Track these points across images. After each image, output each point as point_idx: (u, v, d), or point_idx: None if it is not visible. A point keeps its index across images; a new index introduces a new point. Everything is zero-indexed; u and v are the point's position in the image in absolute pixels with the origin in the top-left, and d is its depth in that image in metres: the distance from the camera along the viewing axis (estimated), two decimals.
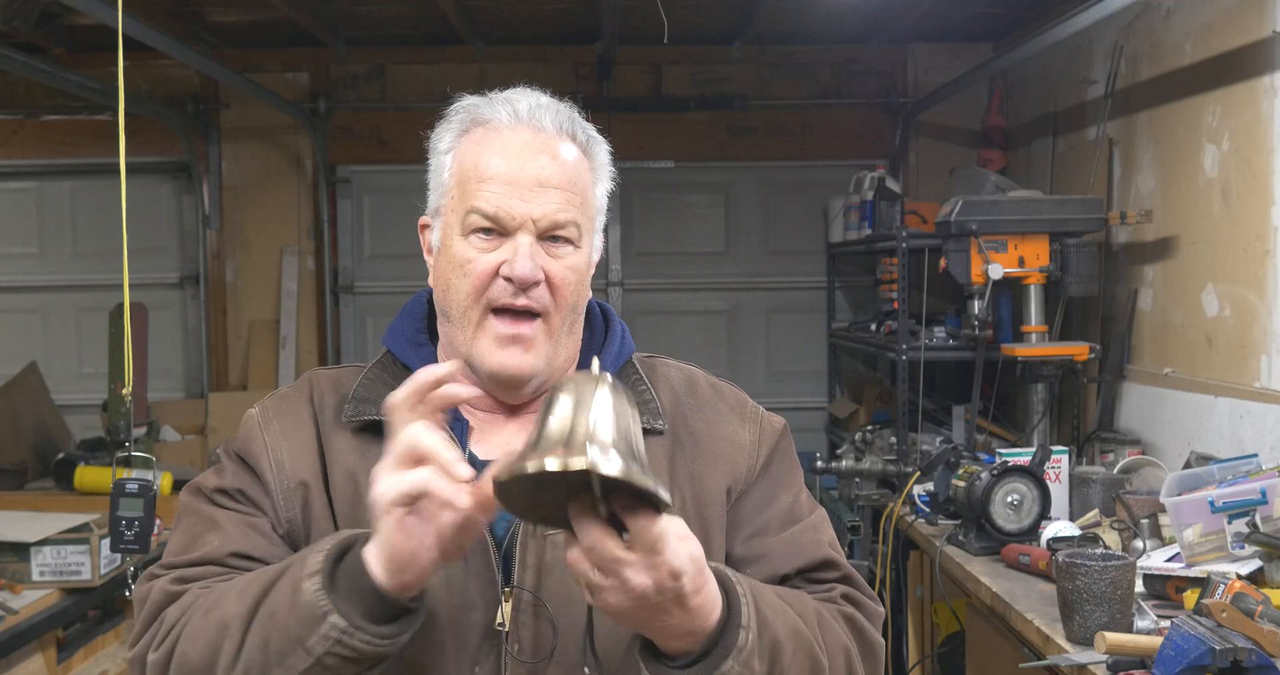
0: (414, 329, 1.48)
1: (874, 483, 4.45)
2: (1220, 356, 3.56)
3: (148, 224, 5.98)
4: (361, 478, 1.34)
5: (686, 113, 5.83)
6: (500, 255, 1.35)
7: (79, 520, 3.54)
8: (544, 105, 1.41)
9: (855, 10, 5.07)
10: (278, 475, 1.38)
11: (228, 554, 1.33)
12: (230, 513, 1.38)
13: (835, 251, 5.79)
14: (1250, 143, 3.38)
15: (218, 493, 1.39)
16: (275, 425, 1.42)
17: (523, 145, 1.37)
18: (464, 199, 1.37)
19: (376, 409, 1.36)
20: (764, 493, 1.45)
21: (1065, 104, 4.87)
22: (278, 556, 1.33)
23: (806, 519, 1.46)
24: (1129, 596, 2.46)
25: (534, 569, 1.33)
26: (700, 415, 1.46)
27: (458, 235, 1.38)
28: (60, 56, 5.57)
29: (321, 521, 1.37)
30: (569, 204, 1.36)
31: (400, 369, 1.44)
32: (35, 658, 3.34)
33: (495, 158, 1.36)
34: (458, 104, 1.45)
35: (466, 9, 5.25)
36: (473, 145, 1.39)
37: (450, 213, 1.40)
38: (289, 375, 5.84)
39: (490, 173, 1.36)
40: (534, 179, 1.35)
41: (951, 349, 4.42)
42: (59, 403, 5.11)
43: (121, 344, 2.75)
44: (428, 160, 1.47)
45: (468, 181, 1.37)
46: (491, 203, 1.35)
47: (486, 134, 1.39)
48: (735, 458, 1.44)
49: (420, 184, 1.53)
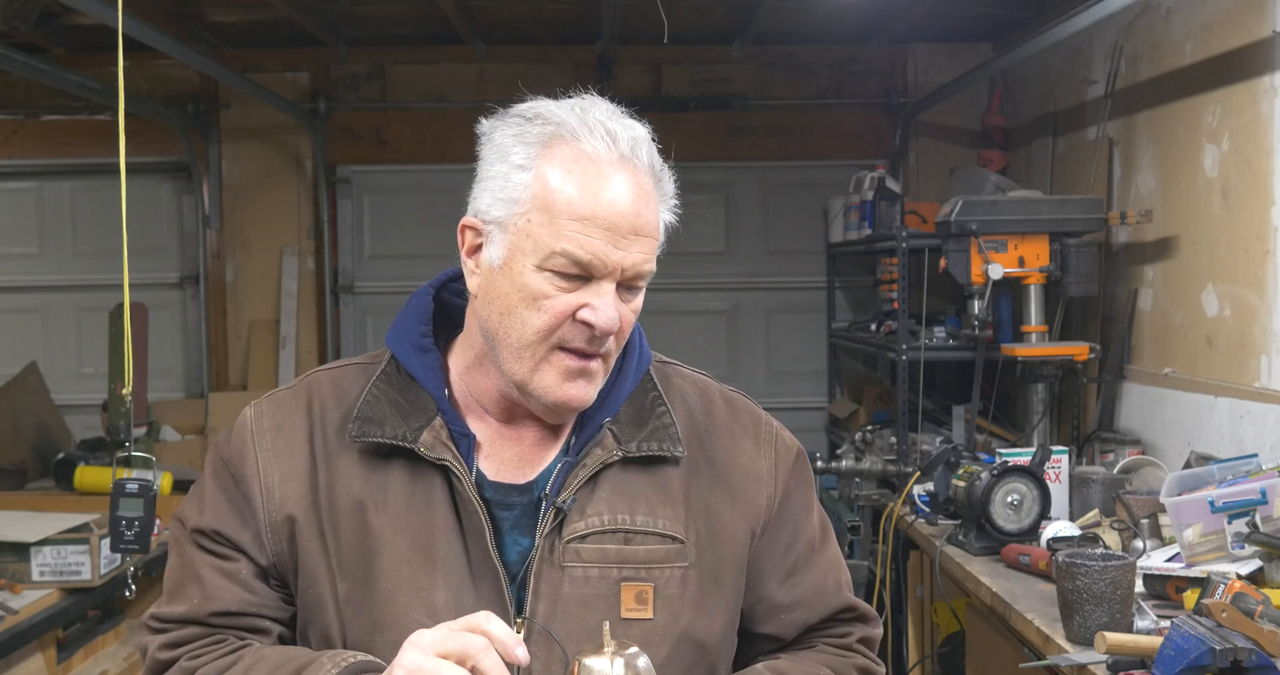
0: (419, 332, 1.41)
1: (874, 483, 4.45)
2: (1220, 356, 3.56)
3: (148, 224, 5.98)
4: (371, 508, 1.34)
5: (686, 113, 5.84)
6: (580, 298, 1.28)
7: (79, 520, 3.54)
8: (640, 139, 1.31)
9: (855, 10, 5.07)
10: (266, 503, 1.36)
11: (209, 614, 1.35)
12: (209, 558, 1.37)
13: (835, 251, 5.79)
14: (1250, 143, 3.38)
15: (196, 533, 1.38)
16: (269, 440, 1.38)
17: (626, 188, 1.27)
18: (551, 231, 1.26)
19: (381, 431, 1.35)
20: (790, 530, 1.48)
21: (1065, 104, 4.87)
22: (256, 605, 1.36)
23: (825, 547, 1.52)
24: (1129, 596, 2.45)
25: (548, 599, 1.32)
26: (717, 440, 1.45)
27: (532, 265, 1.28)
28: (60, 56, 5.57)
29: (313, 558, 1.35)
30: (654, 251, 1.31)
31: (405, 379, 1.39)
32: (35, 658, 3.34)
33: (595, 198, 1.26)
34: (533, 108, 1.33)
35: (466, 9, 5.25)
36: (562, 170, 1.28)
37: (525, 237, 1.28)
38: (289, 375, 5.84)
39: (589, 213, 1.26)
40: (631, 227, 1.27)
41: (951, 349, 4.42)
42: (59, 403, 5.11)
43: (121, 344, 2.74)
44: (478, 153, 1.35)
45: (558, 214, 1.27)
46: (587, 249, 1.26)
47: (580, 161, 1.28)
48: (754, 493, 1.45)
49: (421, 184, 1.53)
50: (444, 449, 1.34)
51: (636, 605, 1.34)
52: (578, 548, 1.34)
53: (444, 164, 5.75)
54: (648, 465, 1.39)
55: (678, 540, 1.37)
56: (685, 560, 1.38)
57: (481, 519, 1.33)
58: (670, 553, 1.37)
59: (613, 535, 1.35)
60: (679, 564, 1.37)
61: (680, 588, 1.37)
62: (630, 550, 1.35)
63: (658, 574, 1.36)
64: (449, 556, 1.32)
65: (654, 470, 1.39)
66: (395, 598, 1.31)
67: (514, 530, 1.36)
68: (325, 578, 1.34)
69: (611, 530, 1.35)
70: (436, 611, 1.30)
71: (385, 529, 1.33)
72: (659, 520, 1.37)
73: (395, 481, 1.35)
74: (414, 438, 1.34)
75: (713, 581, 1.39)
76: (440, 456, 1.33)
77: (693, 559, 1.38)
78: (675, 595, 1.36)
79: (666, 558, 1.37)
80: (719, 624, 1.40)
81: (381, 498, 1.34)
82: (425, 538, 1.33)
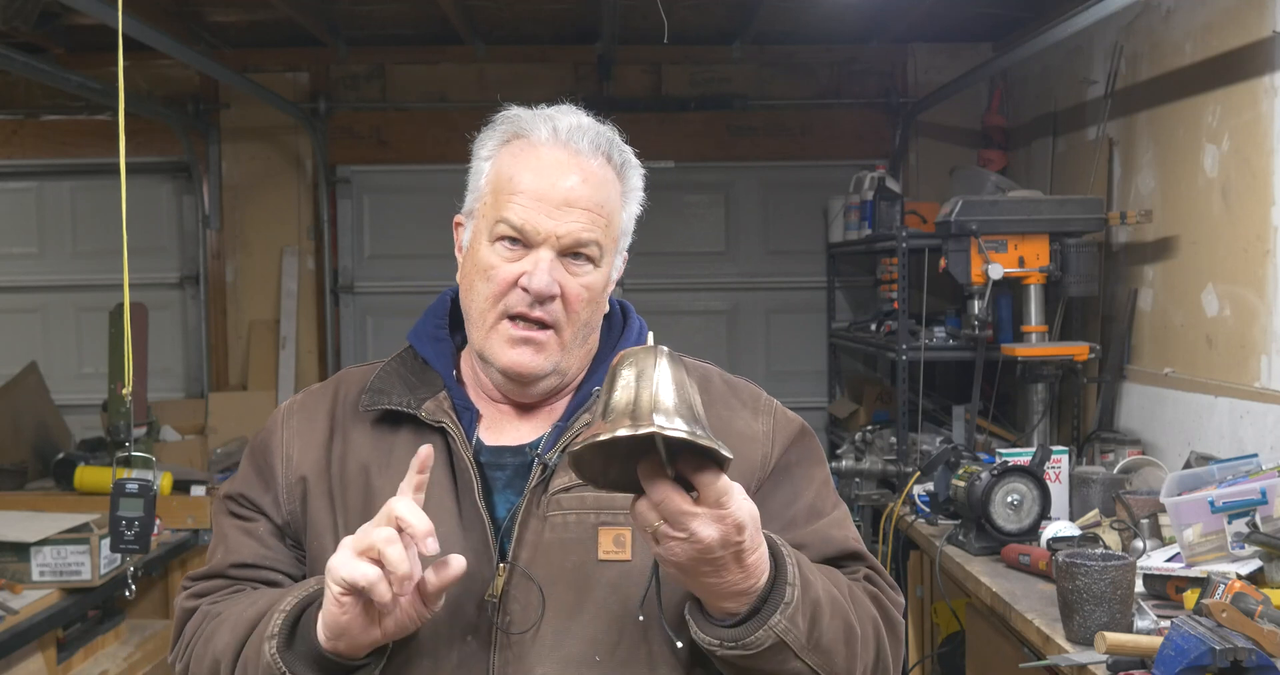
0: (435, 325, 1.55)
1: (874, 483, 4.45)
2: (1220, 356, 3.56)
3: (148, 224, 5.98)
4: (374, 470, 1.45)
5: (686, 113, 5.83)
6: (522, 266, 1.41)
7: (79, 520, 3.55)
8: (583, 126, 1.47)
9: (855, 10, 5.07)
10: (285, 468, 1.49)
11: (228, 566, 1.49)
12: (234, 521, 1.52)
13: (835, 251, 5.79)
14: (1250, 143, 3.38)
15: (227, 500, 1.53)
16: (295, 420, 1.53)
17: (556, 163, 1.43)
18: (495, 207, 1.43)
19: (388, 399, 1.47)
20: (788, 491, 1.49)
21: (1065, 104, 4.87)
22: (270, 559, 1.49)
23: (830, 515, 1.51)
24: (1129, 596, 2.45)
25: (530, 546, 1.39)
26: (713, 412, 1.47)
27: (485, 240, 1.44)
28: (60, 56, 5.57)
29: (319, 515, 1.46)
30: (593, 224, 1.43)
31: (418, 362, 1.52)
32: (35, 658, 3.34)
33: (528, 173, 1.42)
34: (505, 113, 1.50)
35: (466, 9, 5.25)
36: (510, 156, 1.45)
37: (481, 218, 1.46)
38: (289, 375, 5.85)
39: (522, 186, 1.42)
40: (562, 197, 1.41)
41: (951, 349, 4.42)
42: (59, 403, 5.11)
43: (121, 344, 2.74)
44: (469, 161, 1.52)
45: (501, 191, 1.43)
46: (519, 215, 1.41)
47: (525, 147, 1.45)
48: (749, 451, 1.48)
49: (421, 184, 1.58)
50: (443, 415, 1.45)
51: (614, 548, 1.40)
52: (559, 498, 1.41)
53: (444, 164, 5.74)
54: None
55: None
56: None
57: (472, 476, 1.42)
58: None
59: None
60: None
61: None
62: (609, 497, 1.39)
63: None
64: (439, 510, 1.38)
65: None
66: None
67: (506, 489, 1.45)
68: (329, 533, 1.44)
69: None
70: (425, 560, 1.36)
71: (385, 488, 1.41)
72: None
73: (400, 446, 1.45)
74: (417, 405, 1.46)
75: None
76: (439, 420, 1.44)
77: None
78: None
79: None
80: None
81: (385, 461, 1.45)
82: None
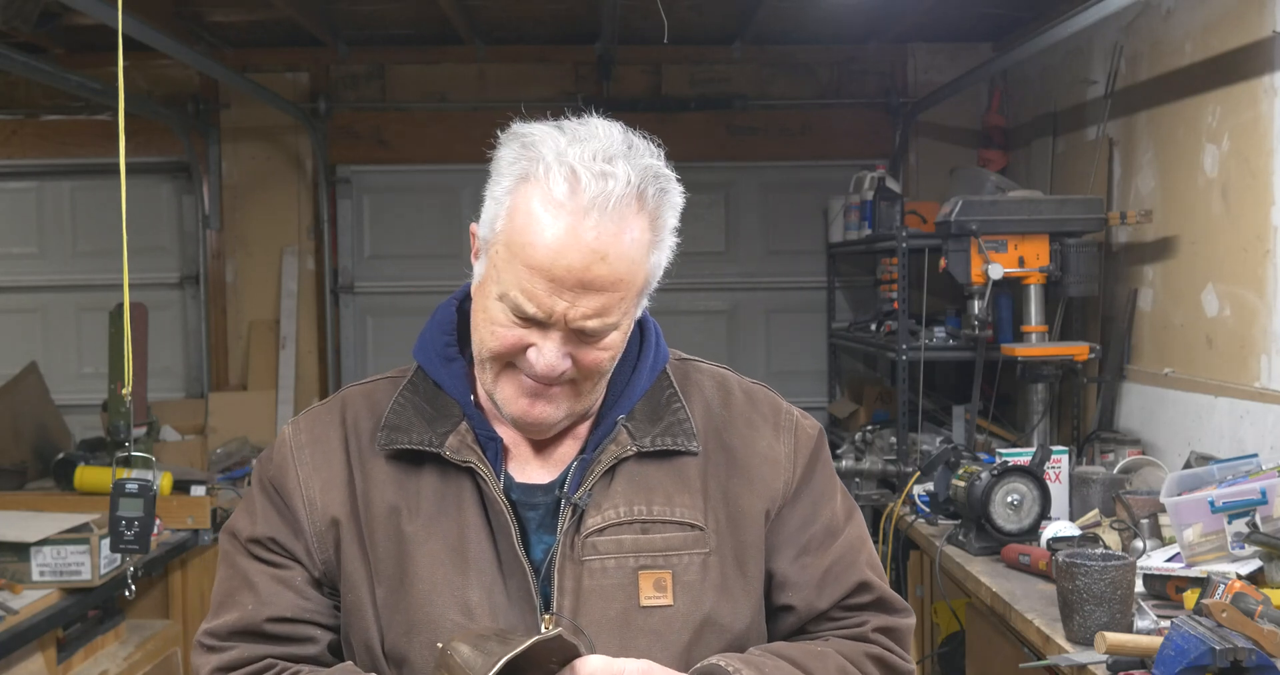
0: (443, 342, 1.44)
1: (874, 483, 4.45)
2: (1220, 356, 3.56)
3: (148, 224, 5.97)
4: (405, 515, 1.37)
5: (686, 113, 5.83)
6: (529, 337, 1.31)
7: (79, 520, 3.54)
8: (611, 170, 1.26)
9: (855, 10, 5.07)
10: (310, 514, 1.41)
11: (263, 620, 1.38)
12: (262, 567, 1.41)
13: (835, 251, 5.79)
14: (1250, 143, 3.38)
15: (251, 543, 1.42)
16: (307, 454, 1.43)
17: (572, 237, 1.25)
18: (509, 272, 1.28)
19: (409, 437, 1.39)
20: (806, 510, 1.47)
21: (1065, 104, 4.87)
22: (310, 611, 1.40)
23: (844, 531, 1.48)
24: (1129, 596, 2.46)
25: (572, 594, 1.35)
26: (735, 430, 1.47)
27: (495, 293, 1.31)
28: (60, 56, 5.57)
29: (353, 563, 1.39)
30: (612, 304, 1.29)
31: (432, 388, 1.43)
32: (35, 658, 3.34)
33: (540, 246, 1.25)
34: (521, 132, 1.32)
35: (466, 9, 5.25)
36: (524, 211, 1.27)
37: (494, 267, 1.31)
38: (289, 375, 5.84)
39: (533, 260, 1.26)
40: (577, 280, 1.26)
41: (951, 349, 4.42)
42: (59, 403, 5.10)
43: (121, 344, 2.74)
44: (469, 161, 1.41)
45: (515, 256, 1.28)
46: (532, 300, 1.27)
47: (547, 207, 1.26)
48: (771, 477, 1.45)
49: (421, 184, 1.54)
50: (469, 452, 1.38)
51: (655, 592, 1.36)
52: (595, 541, 1.37)
53: (444, 164, 5.76)
54: (664, 458, 1.41)
55: (696, 527, 1.39)
56: (705, 547, 1.39)
57: (508, 519, 1.36)
58: (689, 540, 1.38)
59: (629, 526, 1.37)
60: (698, 551, 1.39)
61: (701, 574, 1.38)
62: (647, 539, 1.37)
63: (676, 561, 1.37)
64: (480, 556, 1.35)
65: (671, 461, 1.42)
66: (431, 599, 1.35)
67: (539, 529, 1.40)
68: (364, 583, 1.38)
69: (628, 522, 1.37)
70: (471, 610, 1.34)
71: (419, 533, 1.37)
72: (676, 509, 1.39)
73: (427, 487, 1.39)
74: (440, 442, 1.38)
75: (736, 567, 1.40)
76: (465, 459, 1.37)
77: (713, 545, 1.39)
78: (695, 581, 1.38)
79: (685, 545, 1.38)
80: (745, 609, 1.41)
81: (415, 504, 1.38)
82: (457, 539, 1.36)
